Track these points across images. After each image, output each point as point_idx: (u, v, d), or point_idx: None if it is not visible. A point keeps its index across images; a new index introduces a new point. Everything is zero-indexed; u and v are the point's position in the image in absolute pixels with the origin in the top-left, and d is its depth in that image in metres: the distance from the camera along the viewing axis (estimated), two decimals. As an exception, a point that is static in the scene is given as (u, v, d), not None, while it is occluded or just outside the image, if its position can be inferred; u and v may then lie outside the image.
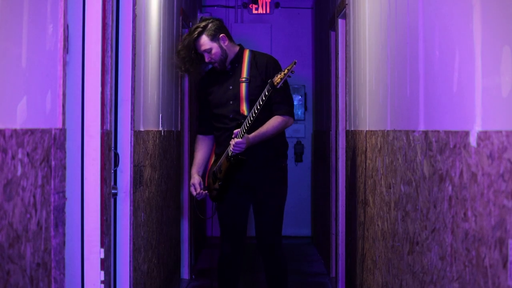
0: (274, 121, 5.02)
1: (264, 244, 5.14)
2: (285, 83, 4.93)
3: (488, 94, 2.23)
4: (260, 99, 4.79)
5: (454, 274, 2.56)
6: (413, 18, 3.23)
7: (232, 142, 4.91)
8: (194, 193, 5.13)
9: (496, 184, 2.14)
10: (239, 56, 5.13)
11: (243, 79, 5.07)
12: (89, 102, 3.44)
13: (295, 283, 7.16)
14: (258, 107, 4.78)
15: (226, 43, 5.08)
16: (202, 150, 5.27)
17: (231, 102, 5.07)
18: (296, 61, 4.70)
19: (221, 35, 5.07)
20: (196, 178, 5.14)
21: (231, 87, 5.09)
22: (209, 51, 5.06)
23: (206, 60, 5.09)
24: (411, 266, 3.23)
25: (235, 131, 4.91)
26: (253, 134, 4.95)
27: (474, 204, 2.33)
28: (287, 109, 5.06)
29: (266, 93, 4.76)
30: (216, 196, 5.15)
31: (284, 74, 4.70)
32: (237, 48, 5.17)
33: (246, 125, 4.86)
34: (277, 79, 4.72)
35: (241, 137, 4.88)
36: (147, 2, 5.06)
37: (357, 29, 5.34)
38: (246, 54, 5.15)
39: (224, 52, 5.08)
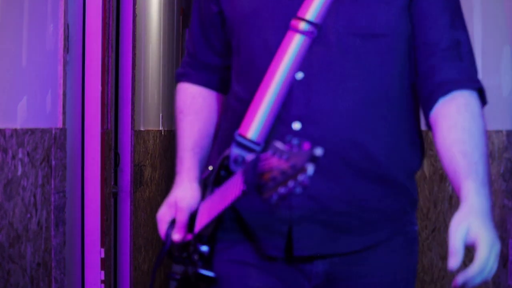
0: (471, 121, 1.66)
1: None
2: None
3: (488, 94, 2.23)
4: None
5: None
6: (413, 18, 3.23)
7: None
8: (171, 233, 1.81)
9: (496, 184, 2.14)
10: None
11: None
12: (89, 102, 3.44)
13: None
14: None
15: None
16: (199, 121, 1.89)
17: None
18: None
19: None
20: (188, 192, 1.83)
21: None
22: None
23: None
24: (411, 266, 3.23)
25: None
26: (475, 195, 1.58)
27: (474, 204, 2.33)
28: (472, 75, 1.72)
29: None
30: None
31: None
32: None
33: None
34: None
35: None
36: (147, 2, 5.06)
37: (357, 29, 5.34)
38: None
39: None
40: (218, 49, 1.86)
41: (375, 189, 1.71)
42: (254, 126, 1.67)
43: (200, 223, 1.72)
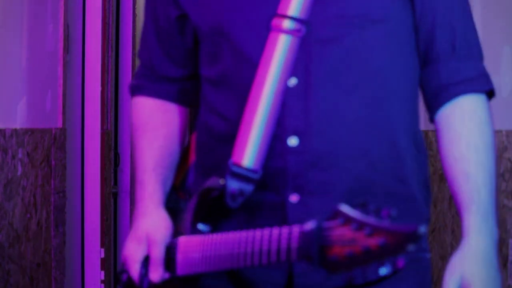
0: (480, 132, 1.45)
1: None
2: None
3: (488, 94, 2.23)
4: None
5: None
6: (413, 18, 3.23)
7: None
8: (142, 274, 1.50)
9: (496, 183, 2.14)
10: None
11: None
12: (89, 102, 3.44)
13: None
14: None
15: None
16: (158, 138, 1.59)
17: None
18: None
19: None
20: (159, 223, 1.51)
21: None
22: None
23: None
24: (411, 266, 3.23)
25: None
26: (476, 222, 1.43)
27: (474, 204, 2.33)
28: (479, 72, 1.49)
29: None
30: None
31: None
32: None
33: None
34: None
35: None
36: (147, 2, 5.06)
37: (357, 29, 5.34)
38: None
39: None
40: (178, 59, 1.58)
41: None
42: (249, 151, 1.39)
43: (191, 265, 1.42)
